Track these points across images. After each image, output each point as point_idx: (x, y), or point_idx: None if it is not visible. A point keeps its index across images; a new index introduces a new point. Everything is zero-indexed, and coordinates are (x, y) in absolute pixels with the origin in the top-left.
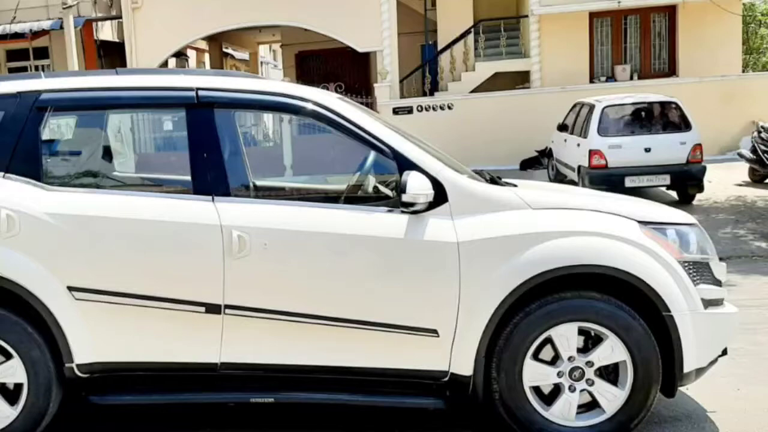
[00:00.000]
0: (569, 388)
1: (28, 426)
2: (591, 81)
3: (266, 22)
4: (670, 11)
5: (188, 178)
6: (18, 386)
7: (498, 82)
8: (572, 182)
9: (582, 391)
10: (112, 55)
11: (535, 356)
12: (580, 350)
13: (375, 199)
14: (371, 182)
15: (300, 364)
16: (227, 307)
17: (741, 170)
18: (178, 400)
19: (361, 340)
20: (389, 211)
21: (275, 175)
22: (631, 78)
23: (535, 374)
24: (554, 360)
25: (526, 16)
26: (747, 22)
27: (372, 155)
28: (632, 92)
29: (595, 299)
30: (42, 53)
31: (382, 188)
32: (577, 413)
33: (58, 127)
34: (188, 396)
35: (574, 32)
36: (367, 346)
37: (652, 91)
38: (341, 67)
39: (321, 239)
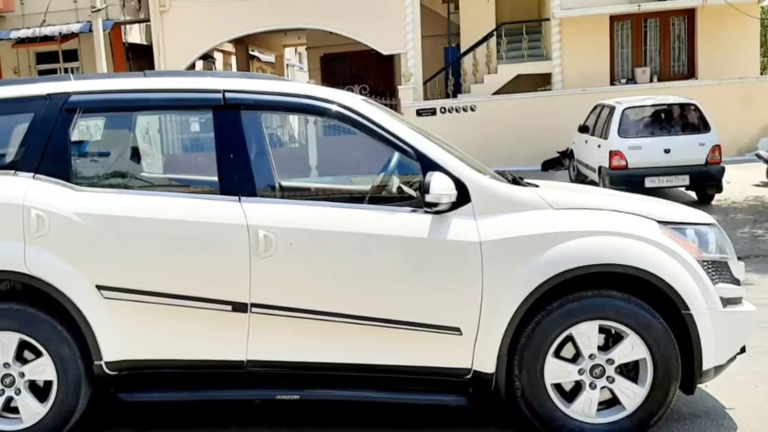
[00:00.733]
0: (590, 385)
1: (58, 422)
2: (611, 83)
3: (292, 25)
4: (689, 14)
5: (215, 178)
6: (48, 383)
7: (520, 84)
8: (593, 183)
9: (602, 388)
10: (140, 58)
11: (557, 354)
12: (600, 348)
13: (399, 200)
14: (395, 183)
15: (325, 362)
16: (253, 305)
17: (759, 171)
18: (205, 397)
19: (385, 338)
20: (413, 211)
21: (301, 176)
22: (651, 80)
23: (556, 372)
24: (575, 358)
25: (548, 19)
26: (765, 24)
27: (396, 156)
28: (652, 94)
29: (615, 298)
30: (71, 56)
31: (405, 189)
32: (598, 410)
33: (87, 129)
34: (215, 393)
35: (594, 35)
36: (391, 344)
37: (672, 93)
38: (366, 70)
39: (346, 239)
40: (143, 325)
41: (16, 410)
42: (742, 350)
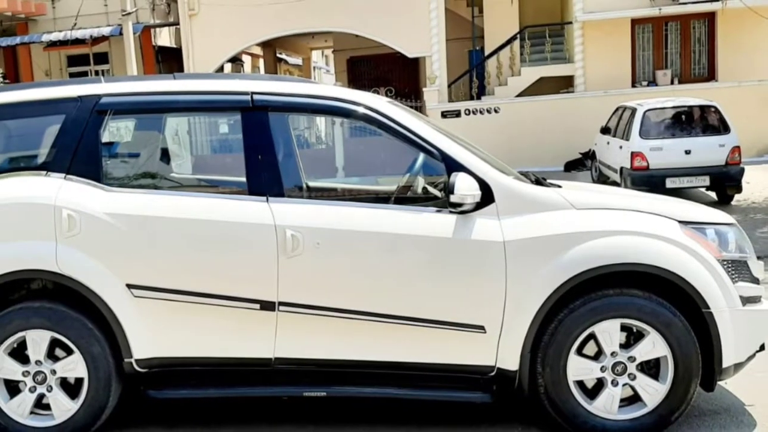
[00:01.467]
0: (612, 382)
1: (89, 419)
2: (633, 85)
3: (319, 28)
4: (709, 18)
5: (243, 179)
6: (79, 381)
7: (543, 87)
8: (615, 183)
9: (624, 385)
10: (169, 61)
11: (579, 351)
12: (622, 346)
13: (424, 200)
14: (420, 183)
15: (352, 359)
16: (281, 304)
17: None
18: (233, 394)
19: (410, 336)
20: (438, 211)
21: (327, 176)
22: (672, 82)
23: (578, 369)
24: (597, 355)
25: (570, 22)
26: None
27: (421, 157)
28: (673, 96)
29: (637, 296)
30: (102, 58)
31: (430, 189)
32: (620, 407)
33: (117, 130)
34: (243, 390)
35: (616, 38)
36: (416, 341)
37: (692, 95)
38: (391, 72)
39: (372, 238)
40: (173, 323)
41: (48, 407)
42: (762, 348)
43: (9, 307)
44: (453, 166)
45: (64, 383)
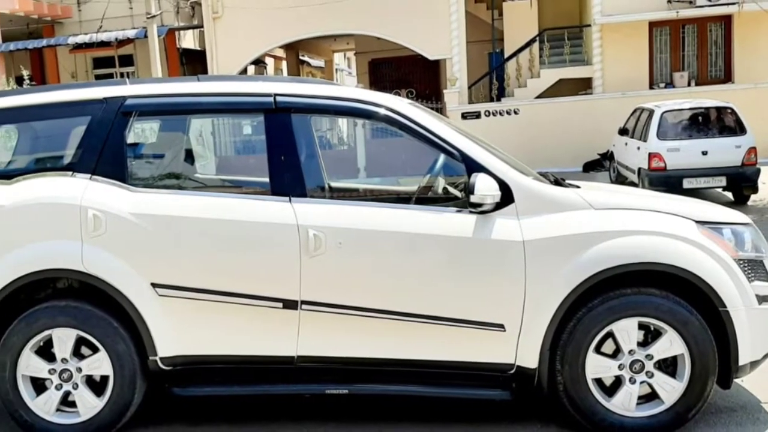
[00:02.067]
0: (630, 380)
1: (114, 416)
2: (650, 87)
3: (341, 31)
4: (726, 21)
5: (266, 179)
6: (104, 378)
7: (562, 88)
8: (633, 184)
9: (642, 382)
10: (193, 63)
11: (597, 350)
12: (640, 344)
13: (444, 200)
14: (441, 184)
15: (373, 357)
16: (304, 302)
17: None
18: (256, 391)
19: (431, 334)
20: (458, 211)
21: (349, 177)
22: (689, 84)
23: (597, 367)
24: (615, 353)
25: (589, 25)
26: None
27: (441, 158)
28: (690, 98)
29: (654, 295)
30: (127, 61)
31: (451, 189)
32: (637, 404)
33: (142, 131)
34: (266, 388)
35: (634, 40)
36: (437, 340)
37: (709, 97)
38: (412, 74)
39: (393, 238)
40: (197, 322)
41: (73, 404)
42: None
43: (35, 305)
44: (473, 166)
45: (89, 381)
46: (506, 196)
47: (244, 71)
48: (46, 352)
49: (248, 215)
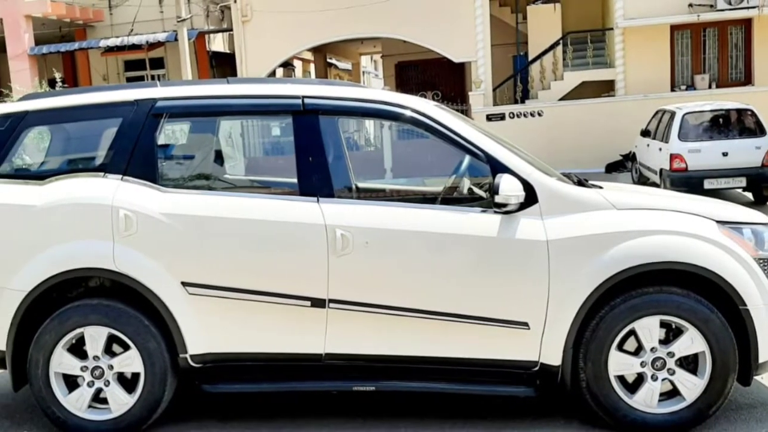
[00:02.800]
0: (652, 377)
1: (145, 412)
2: (672, 89)
3: (368, 34)
4: (746, 24)
5: (294, 180)
6: (135, 375)
7: (585, 91)
8: (654, 184)
9: (663, 380)
10: (223, 65)
11: (620, 347)
12: (661, 341)
13: (469, 200)
14: (466, 184)
15: (399, 355)
16: (331, 301)
17: None
18: (284, 388)
19: (456, 332)
20: (483, 211)
21: (376, 178)
22: (710, 86)
23: (619, 364)
24: (637, 351)
25: (611, 28)
26: None
27: (467, 159)
28: (710, 100)
29: (676, 294)
30: (158, 63)
31: (476, 190)
32: (659, 400)
33: (172, 133)
34: (294, 384)
35: (656, 44)
36: (462, 337)
37: (729, 99)
38: (438, 77)
39: (419, 238)
40: (226, 320)
41: (105, 401)
42: None
43: (68, 304)
44: (497, 167)
45: (120, 378)
46: (530, 197)
47: (273, 74)
48: (78, 349)
49: (277, 215)
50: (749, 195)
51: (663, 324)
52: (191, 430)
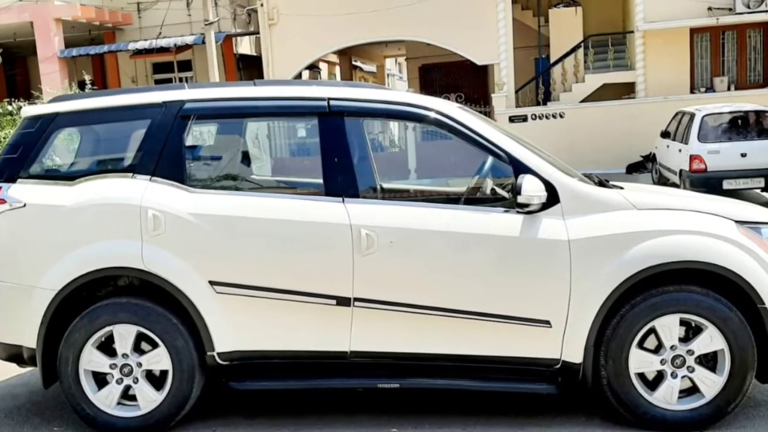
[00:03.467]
0: (671, 374)
1: (173, 409)
2: (691, 91)
3: (393, 37)
4: (765, 27)
5: (320, 180)
6: (163, 373)
7: (606, 93)
8: (674, 185)
9: (683, 377)
10: (250, 68)
11: (640, 345)
12: (681, 339)
13: (492, 201)
14: (488, 185)
15: (424, 353)
16: (356, 299)
17: None
18: (311, 385)
19: (480, 330)
20: (505, 211)
21: (400, 178)
22: (729, 89)
23: (640, 362)
24: (657, 348)
25: (632, 31)
26: None
27: (489, 160)
28: (729, 102)
29: (695, 293)
30: (185, 66)
31: (498, 190)
32: (679, 398)
33: (200, 134)
34: (320, 382)
35: (676, 46)
36: (485, 335)
37: (748, 101)
38: (461, 79)
39: (442, 237)
40: (253, 318)
41: (134, 398)
42: None
43: (97, 303)
44: (520, 168)
45: (149, 375)
46: (552, 197)
47: (299, 76)
48: (107, 347)
49: (303, 215)
50: (767, 195)
51: (683, 322)
52: (218, 427)
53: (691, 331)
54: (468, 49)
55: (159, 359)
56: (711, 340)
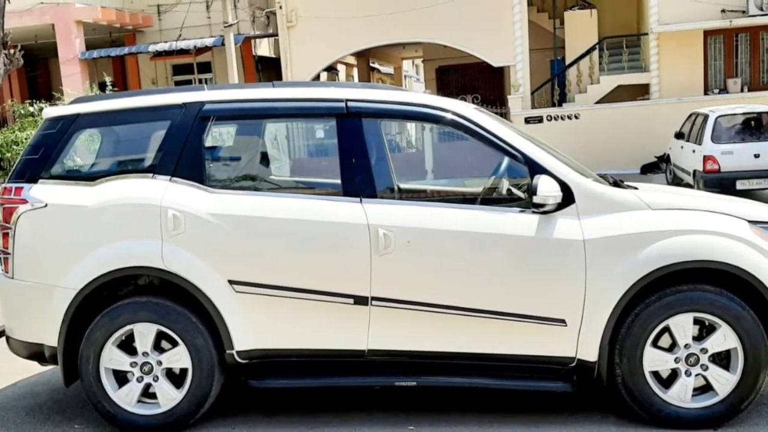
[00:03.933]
0: (685, 372)
1: (193, 407)
2: (705, 93)
3: (410, 39)
4: None
5: (338, 181)
6: (183, 371)
7: (620, 94)
8: (688, 185)
9: (697, 375)
10: (268, 69)
11: (654, 344)
12: (695, 338)
13: (508, 201)
14: (504, 185)
15: (440, 351)
16: (374, 299)
17: None
18: (329, 383)
19: (495, 328)
20: (521, 211)
21: (417, 179)
22: (742, 90)
23: (654, 360)
24: (672, 347)
25: (646, 33)
26: None
27: (505, 160)
28: (743, 103)
29: (709, 292)
30: (205, 68)
31: (514, 190)
32: (693, 395)
33: (219, 135)
34: (338, 380)
35: (689, 48)
36: (501, 334)
37: (761, 102)
38: (477, 80)
39: (459, 237)
40: (272, 317)
41: (154, 396)
42: None
43: (117, 302)
44: (535, 168)
45: (169, 373)
46: (567, 197)
47: (317, 78)
48: (127, 346)
49: (321, 215)
50: None
51: (696, 321)
52: (237, 425)
53: (705, 330)
54: (484, 51)
55: (179, 357)
56: (724, 338)
